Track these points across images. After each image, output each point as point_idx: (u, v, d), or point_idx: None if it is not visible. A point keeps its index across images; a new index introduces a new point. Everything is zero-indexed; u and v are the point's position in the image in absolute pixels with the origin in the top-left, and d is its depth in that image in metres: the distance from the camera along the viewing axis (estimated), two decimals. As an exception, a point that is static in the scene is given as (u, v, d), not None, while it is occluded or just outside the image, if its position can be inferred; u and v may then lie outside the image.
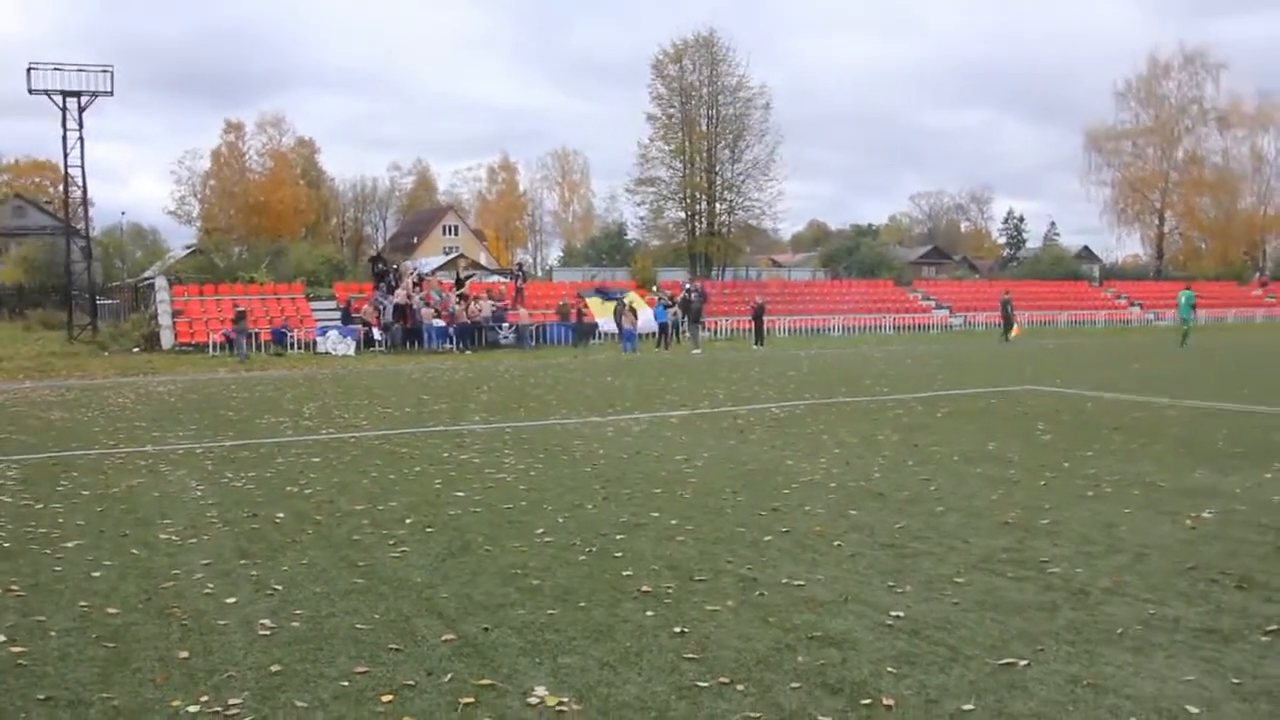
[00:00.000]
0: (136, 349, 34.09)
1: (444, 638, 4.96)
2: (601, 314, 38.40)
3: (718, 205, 51.03)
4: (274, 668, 4.58)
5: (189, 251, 65.52)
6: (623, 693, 4.25)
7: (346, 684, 4.37)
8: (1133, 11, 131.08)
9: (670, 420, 14.23)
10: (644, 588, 5.79)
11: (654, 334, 36.92)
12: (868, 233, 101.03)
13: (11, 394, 20.54)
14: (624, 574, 6.09)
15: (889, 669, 4.50)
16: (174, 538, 7.35)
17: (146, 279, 50.40)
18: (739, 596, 5.63)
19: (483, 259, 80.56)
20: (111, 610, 5.58)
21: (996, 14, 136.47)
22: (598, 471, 9.88)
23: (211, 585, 6.01)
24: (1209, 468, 9.69)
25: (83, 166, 36.73)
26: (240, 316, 31.97)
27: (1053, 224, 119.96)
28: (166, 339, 34.52)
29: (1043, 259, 75.29)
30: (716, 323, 41.30)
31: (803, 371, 23.39)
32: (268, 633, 5.09)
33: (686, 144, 49.92)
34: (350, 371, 26.41)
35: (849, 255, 74.01)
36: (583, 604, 5.51)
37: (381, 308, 35.06)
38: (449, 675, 4.46)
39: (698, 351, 32.57)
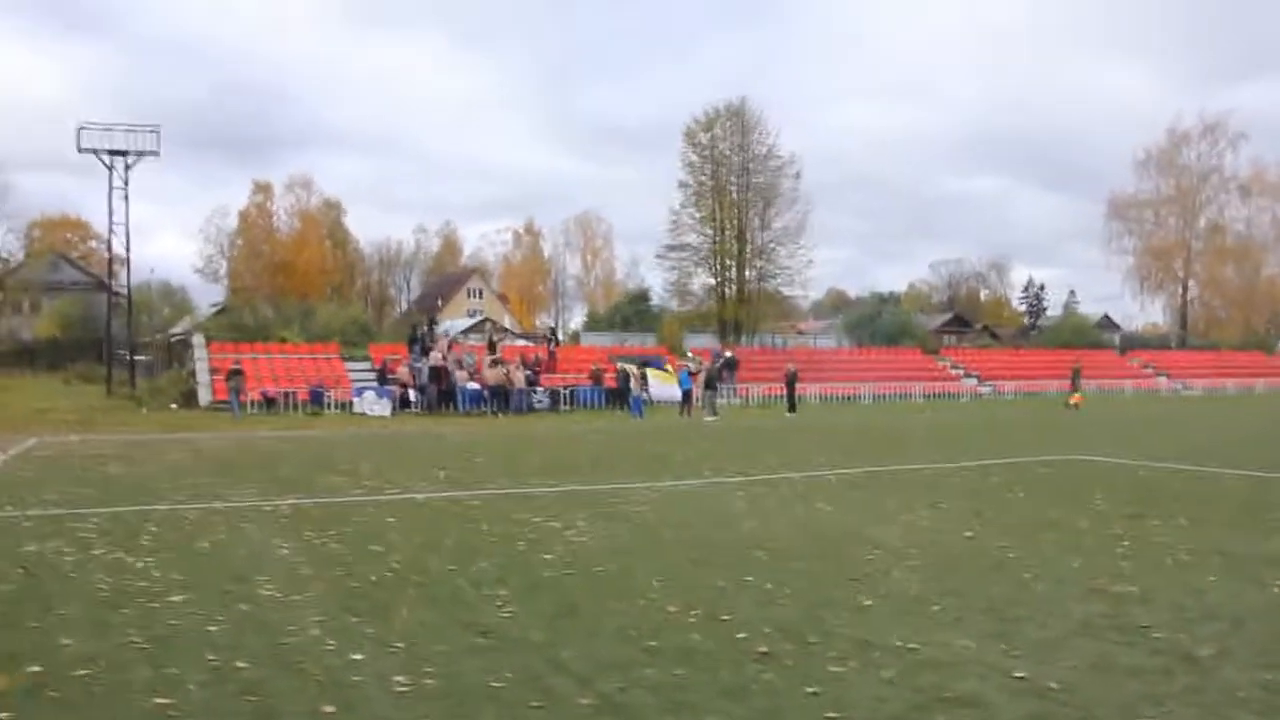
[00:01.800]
0: (174, 405, 34.43)
1: (581, 698, 5.06)
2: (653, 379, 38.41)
3: (747, 271, 51.47)
4: (423, 724, 4.69)
5: (216, 309, 66.22)
6: (778, 751, 4.36)
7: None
8: (1150, 79, 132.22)
9: (729, 486, 14.33)
10: (761, 649, 5.88)
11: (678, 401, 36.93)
12: (889, 300, 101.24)
13: (61, 446, 20.82)
14: (737, 636, 6.19)
15: (1030, 730, 4.60)
16: (276, 594, 7.47)
17: (177, 335, 50.95)
18: (858, 658, 5.73)
19: (506, 322, 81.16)
20: (240, 664, 5.69)
21: (1013, 83, 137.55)
22: (677, 536, 9.97)
23: (331, 642, 6.12)
24: (1283, 537, 9.76)
25: (127, 224, 37.51)
26: (235, 374, 32.46)
27: (1072, 292, 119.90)
28: (204, 396, 34.85)
29: (1064, 328, 75.35)
30: (748, 389, 41.47)
31: (847, 438, 23.46)
32: (405, 689, 5.19)
33: (717, 210, 50.48)
34: (391, 433, 26.63)
35: (871, 323, 74.18)
36: (707, 665, 5.61)
37: (417, 370, 35.35)
38: (601, 733, 4.57)
39: (713, 419, 31.85)
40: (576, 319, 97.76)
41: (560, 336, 75.37)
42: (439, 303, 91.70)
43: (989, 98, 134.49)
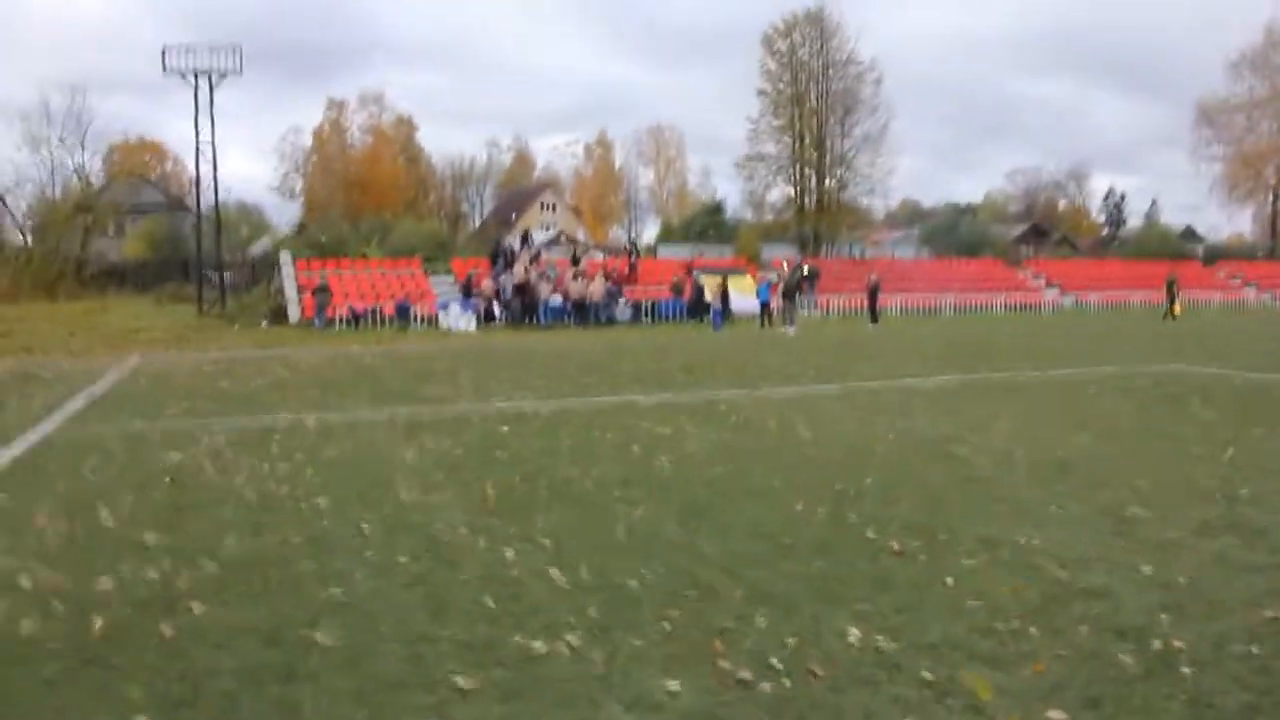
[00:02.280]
0: (264, 322, 35.25)
1: (733, 588, 5.36)
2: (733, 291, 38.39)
3: (827, 180, 51.12)
4: (591, 612, 5.02)
5: (295, 227, 67.16)
6: (928, 632, 4.64)
7: (668, 626, 4.80)
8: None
9: (827, 393, 14.54)
10: (894, 545, 6.15)
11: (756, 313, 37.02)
12: (966, 210, 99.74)
13: (164, 364, 21.50)
14: (867, 534, 6.46)
15: (1162, 616, 4.83)
16: (416, 497, 7.84)
17: (257, 254, 51.88)
18: (987, 554, 5.98)
19: (580, 235, 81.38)
20: (400, 559, 6.08)
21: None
22: (785, 441, 10.21)
23: (482, 540, 6.48)
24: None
25: (214, 144, 38.06)
26: (321, 290, 33.21)
27: (1154, 202, 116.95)
28: (293, 313, 35.63)
29: (1147, 239, 73.76)
30: (828, 301, 41.44)
31: (935, 348, 23.46)
32: (564, 584, 5.52)
33: (796, 118, 50.04)
34: (480, 345, 27.12)
35: (949, 233, 73.27)
36: (844, 559, 5.89)
37: (501, 284, 35.80)
38: (761, 619, 4.87)
39: (791, 330, 31.62)
40: (650, 231, 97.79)
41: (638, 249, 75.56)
42: (513, 217, 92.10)
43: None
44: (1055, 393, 14.30)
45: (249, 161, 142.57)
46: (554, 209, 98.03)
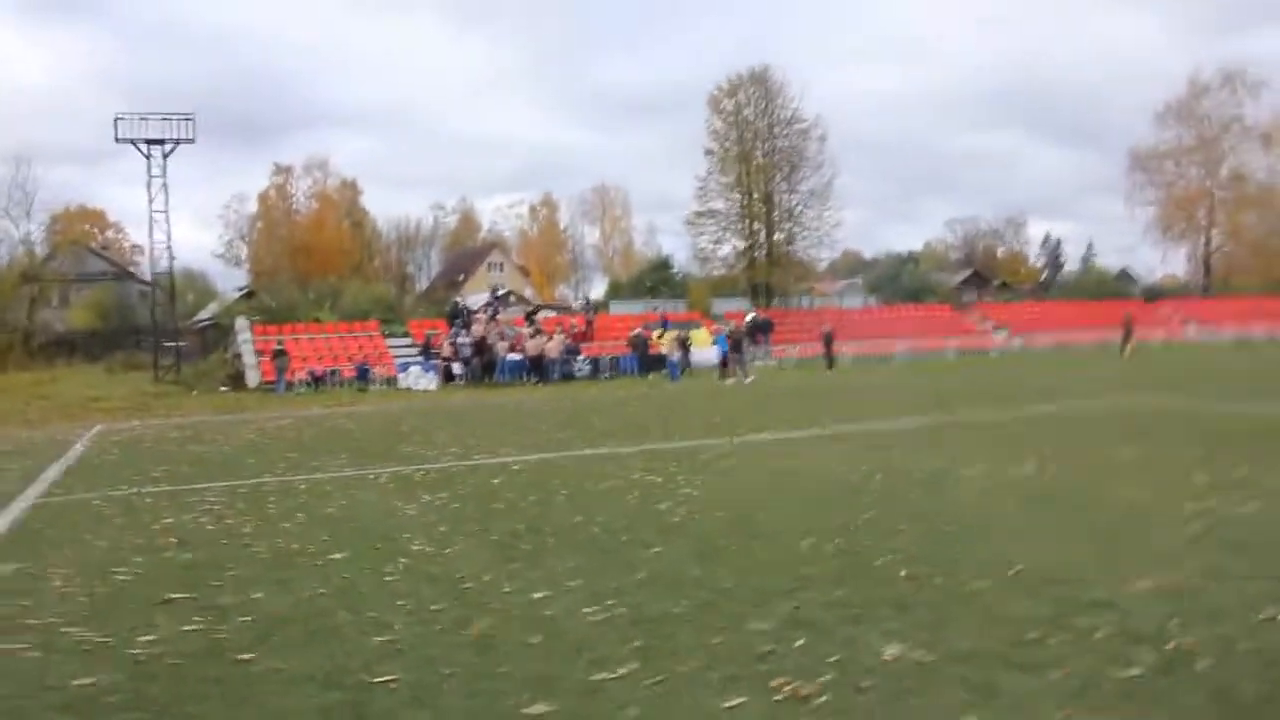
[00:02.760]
0: (223, 388, 35.14)
1: (761, 621, 5.61)
2: (666, 346, 39.09)
3: (776, 234, 52.04)
4: (636, 643, 5.26)
5: (242, 292, 66.89)
6: (958, 645, 4.95)
7: (713, 653, 5.06)
8: (1157, 30, 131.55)
9: (803, 439, 14.89)
10: (903, 572, 6.46)
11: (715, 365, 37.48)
12: (909, 259, 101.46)
13: (131, 432, 21.45)
14: (875, 563, 6.77)
15: (1170, 622, 5.19)
16: (428, 549, 8.03)
17: (204, 321, 51.60)
18: (993, 576, 6.28)
19: (528, 294, 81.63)
20: (435, 606, 6.27)
21: (1016, 38, 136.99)
22: (778, 484, 10.52)
23: (507, 586, 6.69)
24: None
25: (166, 212, 38.03)
26: (279, 354, 33.42)
27: (1090, 245, 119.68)
28: (252, 378, 35.56)
29: (1085, 281, 75.64)
30: (784, 350, 42.06)
31: (898, 393, 23.99)
32: (601, 620, 5.76)
33: (745, 175, 51.01)
34: (444, 404, 27.27)
35: (893, 282, 74.60)
36: (862, 587, 6.18)
37: (459, 344, 36.02)
38: (798, 642, 5.14)
39: (749, 380, 32.31)
40: (596, 289, 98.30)
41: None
42: (461, 277, 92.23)
43: (994, 54, 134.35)
44: (1026, 430, 14.76)
45: (191, 229, 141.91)
46: (501, 268, 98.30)
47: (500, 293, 49.63)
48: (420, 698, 4.66)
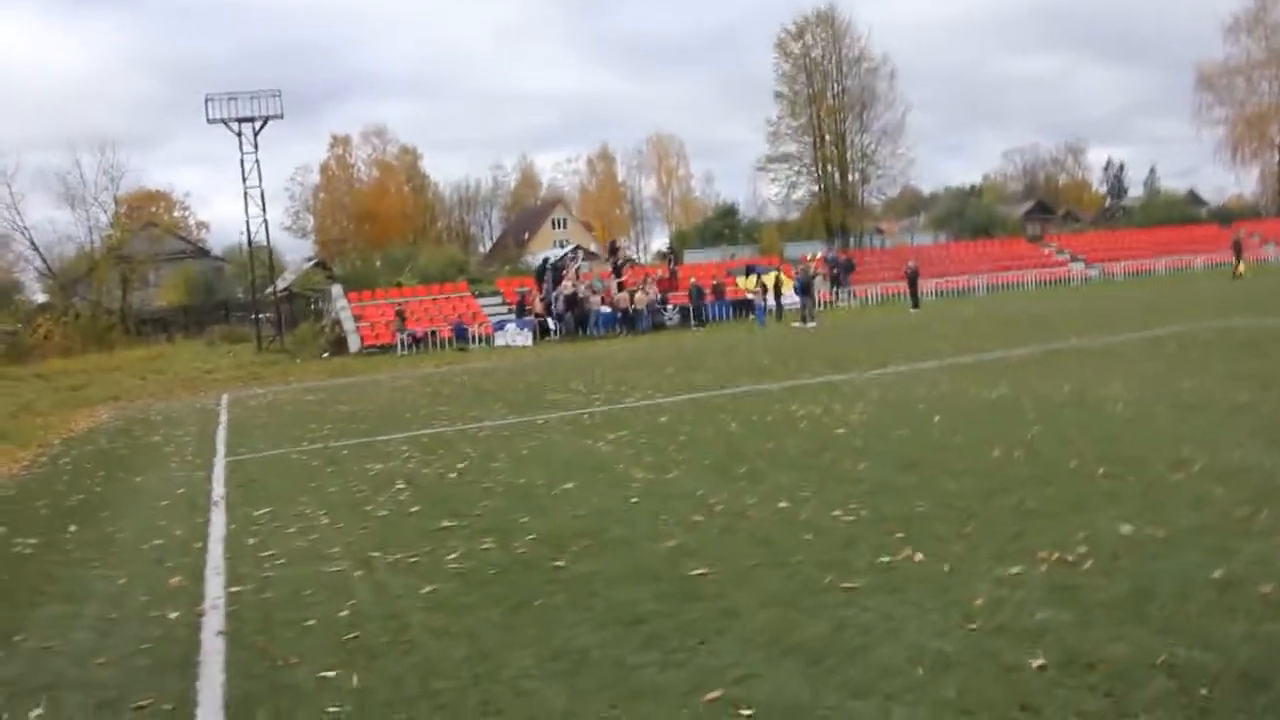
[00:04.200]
0: (325, 354, 36.45)
1: (999, 513, 6.57)
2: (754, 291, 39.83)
3: (850, 175, 52.55)
4: (899, 536, 6.23)
5: (311, 263, 68.27)
6: (1180, 521, 5.86)
7: (971, 539, 6.02)
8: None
9: (930, 370, 15.65)
10: (1101, 471, 7.38)
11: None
12: (971, 194, 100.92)
13: (262, 399, 22.48)
14: (1069, 465, 7.71)
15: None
16: (649, 476, 8.98)
17: (282, 291, 52.94)
18: (1183, 472, 7.14)
19: (593, 248, 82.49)
20: (696, 518, 7.20)
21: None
22: (931, 409, 11.32)
23: (750, 498, 7.65)
24: None
25: (261, 189, 39.34)
26: (400, 315, 34.84)
27: (1152, 169, 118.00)
28: (353, 343, 36.87)
29: (1154, 205, 74.96)
30: (867, 290, 42.72)
31: (993, 325, 24.61)
32: (851, 519, 6.74)
33: (816, 118, 51.48)
34: (554, 357, 28.32)
35: (958, 217, 74.42)
36: (1070, 485, 7.12)
37: (553, 299, 37.10)
38: (1041, 526, 6.09)
39: (811, 325, 32.61)
40: (658, 239, 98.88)
41: (643, 258, 76.63)
42: (525, 236, 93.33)
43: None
44: (1147, 351, 15.47)
45: (237, 202, 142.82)
46: (565, 224, 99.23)
47: (572, 248, 50.60)
48: (738, 582, 5.63)
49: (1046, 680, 3.92)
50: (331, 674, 4.76)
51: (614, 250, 42.71)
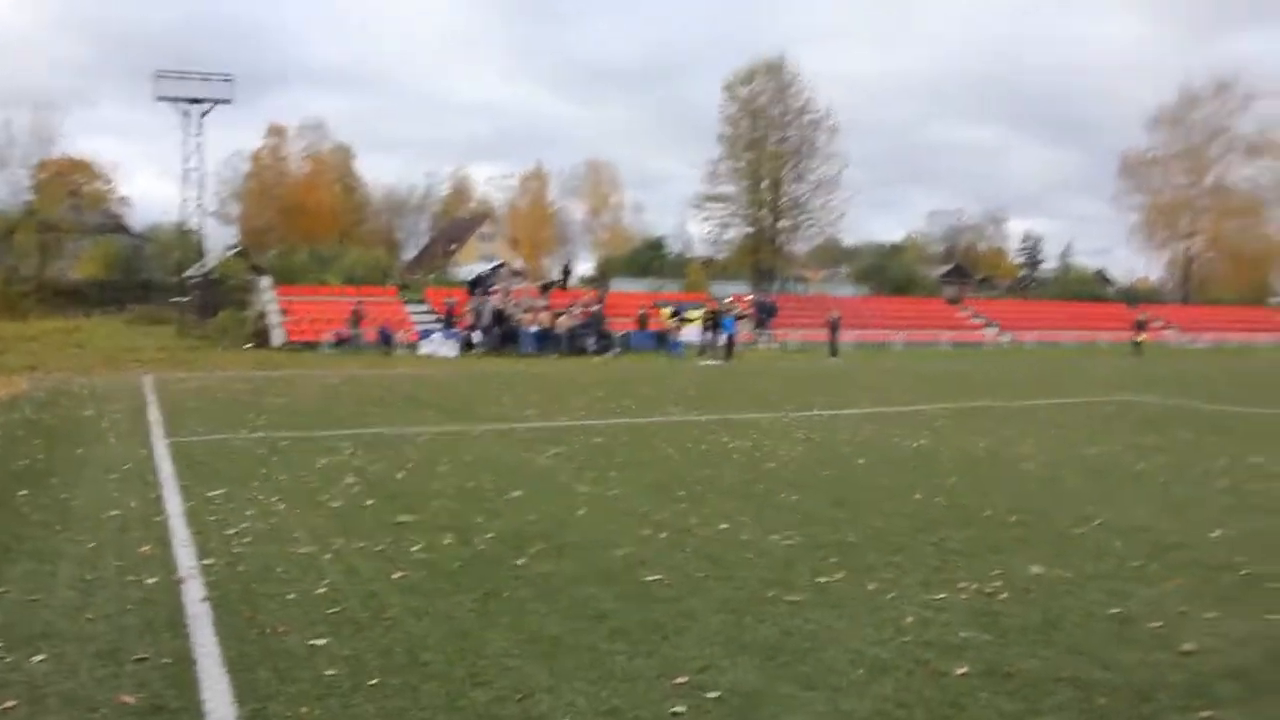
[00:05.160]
0: (249, 345, 36.32)
1: (924, 546, 7.24)
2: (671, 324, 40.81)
3: (782, 221, 53.85)
4: (832, 560, 6.86)
5: (233, 251, 67.53)
6: (1086, 569, 6.57)
7: (897, 568, 6.67)
8: (1145, 29, 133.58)
9: (855, 417, 16.43)
10: (1013, 519, 8.13)
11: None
12: (892, 250, 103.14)
13: (187, 383, 22.50)
14: (984, 513, 8.42)
15: (1237, 558, 6.81)
16: (593, 490, 9.50)
17: (198, 276, 52.28)
18: (1086, 525, 7.90)
19: (518, 266, 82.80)
20: (643, 531, 7.73)
21: (1000, 31, 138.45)
22: (856, 452, 12.09)
23: (692, 519, 8.18)
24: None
25: (201, 170, 39.22)
26: (356, 315, 34.91)
27: (1069, 245, 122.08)
28: (277, 336, 36.82)
29: (1065, 280, 77.86)
30: (786, 334, 43.76)
31: (913, 381, 25.53)
32: (790, 543, 7.32)
33: (756, 162, 52.79)
34: (479, 371, 28.64)
35: (879, 273, 76.18)
36: (984, 529, 7.83)
37: (480, 313, 37.45)
38: (959, 563, 6.78)
39: (714, 364, 33.86)
40: (583, 265, 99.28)
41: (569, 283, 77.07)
42: (452, 246, 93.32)
43: (979, 44, 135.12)
44: (1056, 417, 16.48)
45: (158, 183, 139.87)
46: (493, 239, 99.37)
47: (496, 264, 50.95)
48: (692, 589, 6.19)
49: (970, 685, 4.58)
50: (321, 642, 5.17)
51: (546, 290, 43.16)
